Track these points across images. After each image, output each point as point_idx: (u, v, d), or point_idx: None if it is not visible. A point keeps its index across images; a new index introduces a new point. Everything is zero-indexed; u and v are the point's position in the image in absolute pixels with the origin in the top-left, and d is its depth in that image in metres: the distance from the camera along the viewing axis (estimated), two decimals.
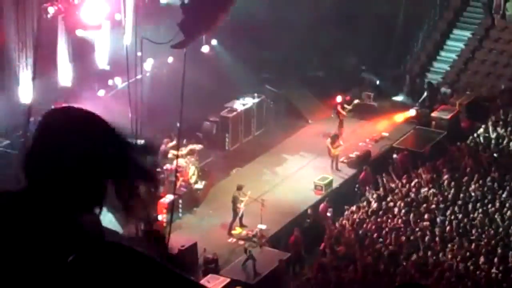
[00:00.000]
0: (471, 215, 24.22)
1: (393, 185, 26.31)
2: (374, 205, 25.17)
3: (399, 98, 32.99)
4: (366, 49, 32.97)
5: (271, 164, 28.22)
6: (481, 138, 29.09)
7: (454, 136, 29.61)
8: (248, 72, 30.54)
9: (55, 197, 2.63)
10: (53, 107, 3.13)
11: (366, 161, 28.33)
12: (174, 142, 25.39)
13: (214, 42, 30.30)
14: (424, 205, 24.78)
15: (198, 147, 26.96)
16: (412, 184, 26.09)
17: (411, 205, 24.96)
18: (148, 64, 27.19)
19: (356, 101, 30.76)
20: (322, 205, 25.41)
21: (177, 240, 22.49)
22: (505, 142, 28.68)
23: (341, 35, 31.97)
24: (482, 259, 21.91)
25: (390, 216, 24.44)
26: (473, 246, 22.56)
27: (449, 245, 22.72)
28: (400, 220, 24.04)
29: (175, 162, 24.21)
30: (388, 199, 25.50)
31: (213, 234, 24.34)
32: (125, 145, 2.69)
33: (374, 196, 25.68)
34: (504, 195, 25.15)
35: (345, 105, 30.53)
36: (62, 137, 2.65)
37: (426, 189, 25.69)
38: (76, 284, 2.54)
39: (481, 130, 29.49)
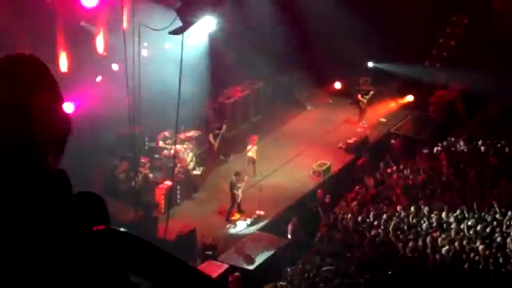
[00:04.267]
0: (469, 202, 24.22)
1: (390, 171, 26.32)
2: (372, 191, 25.18)
3: (396, 83, 32.87)
4: (366, 36, 32.76)
5: (269, 150, 28.22)
6: (479, 124, 29.08)
7: (452, 122, 29.61)
8: (247, 58, 30.43)
9: None
10: None
11: (364, 147, 28.36)
12: (169, 134, 25.42)
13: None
14: (422, 191, 24.78)
15: (196, 133, 26.98)
16: (410, 169, 26.10)
17: (409, 191, 24.97)
18: (146, 50, 27.09)
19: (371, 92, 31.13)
20: (319, 191, 25.44)
21: (176, 226, 22.55)
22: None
23: (341, 22, 31.79)
24: (479, 245, 21.92)
25: (388, 202, 24.45)
26: (471, 232, 22.58)
27: (447, 231, 22.75)
28: (398, 206, 24.05)
29: (173, 148, 24.25)
30: (386, 185, 25.51)
31: (212, 220, 24.38)
32: None
33: (372, 182, 25.69)
34: (502, 182, 25.16)
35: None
36: None
37: (423, 174, 25.70)
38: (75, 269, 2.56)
39: (479, 115, 29.49)
